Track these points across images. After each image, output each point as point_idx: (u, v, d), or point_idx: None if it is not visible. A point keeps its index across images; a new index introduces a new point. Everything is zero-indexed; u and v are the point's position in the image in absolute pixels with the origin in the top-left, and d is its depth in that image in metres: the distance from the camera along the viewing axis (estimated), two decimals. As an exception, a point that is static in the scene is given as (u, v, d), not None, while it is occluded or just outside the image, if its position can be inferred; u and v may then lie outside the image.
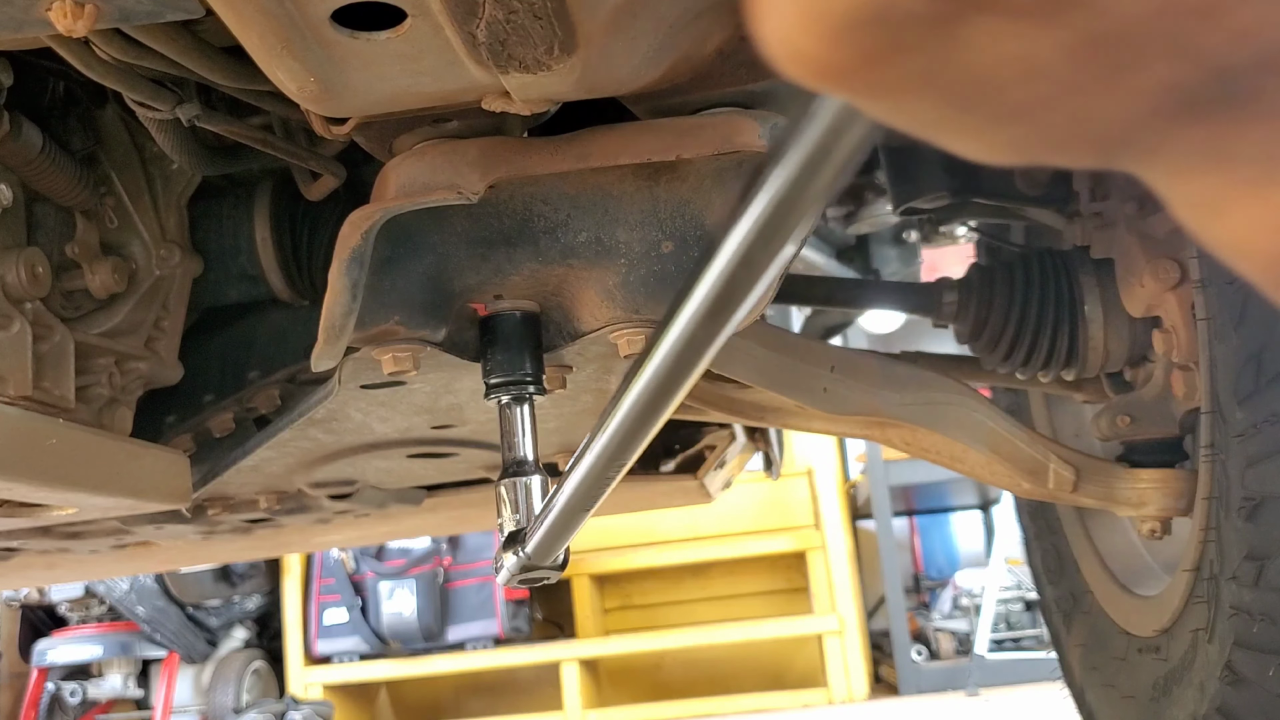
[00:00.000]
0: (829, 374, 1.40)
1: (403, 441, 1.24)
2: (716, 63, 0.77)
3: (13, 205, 0.95)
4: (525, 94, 0.72)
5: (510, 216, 0.90)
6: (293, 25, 0.63)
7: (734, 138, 0.77)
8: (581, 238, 0.91)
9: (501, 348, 0.91)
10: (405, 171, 0.78)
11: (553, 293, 0.94)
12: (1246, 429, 1.10)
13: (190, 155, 0.99)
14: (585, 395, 1.13)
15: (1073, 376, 1.51)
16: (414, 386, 1.04)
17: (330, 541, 2.24)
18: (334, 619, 4.89)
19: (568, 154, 0.79)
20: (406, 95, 0.73)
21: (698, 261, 0.43)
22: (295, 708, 4.50)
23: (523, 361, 0.90)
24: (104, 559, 1.71)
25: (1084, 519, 1.83)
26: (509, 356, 0.90)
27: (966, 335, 1.55)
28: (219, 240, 1.18)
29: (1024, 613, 4.99)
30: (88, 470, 0.96)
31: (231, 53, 0.75)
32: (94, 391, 1.05)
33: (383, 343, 0.90)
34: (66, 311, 1.03)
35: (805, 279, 1.78)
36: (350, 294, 0.80)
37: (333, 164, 1.03)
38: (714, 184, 0.89)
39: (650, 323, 0.94)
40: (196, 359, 1.22)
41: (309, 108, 0.75)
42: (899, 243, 2.45)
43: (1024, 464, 1.41)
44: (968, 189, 1.50)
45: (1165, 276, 1.29)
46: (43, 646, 4.72)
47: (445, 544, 4.89)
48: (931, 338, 1.88)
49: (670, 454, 1.94)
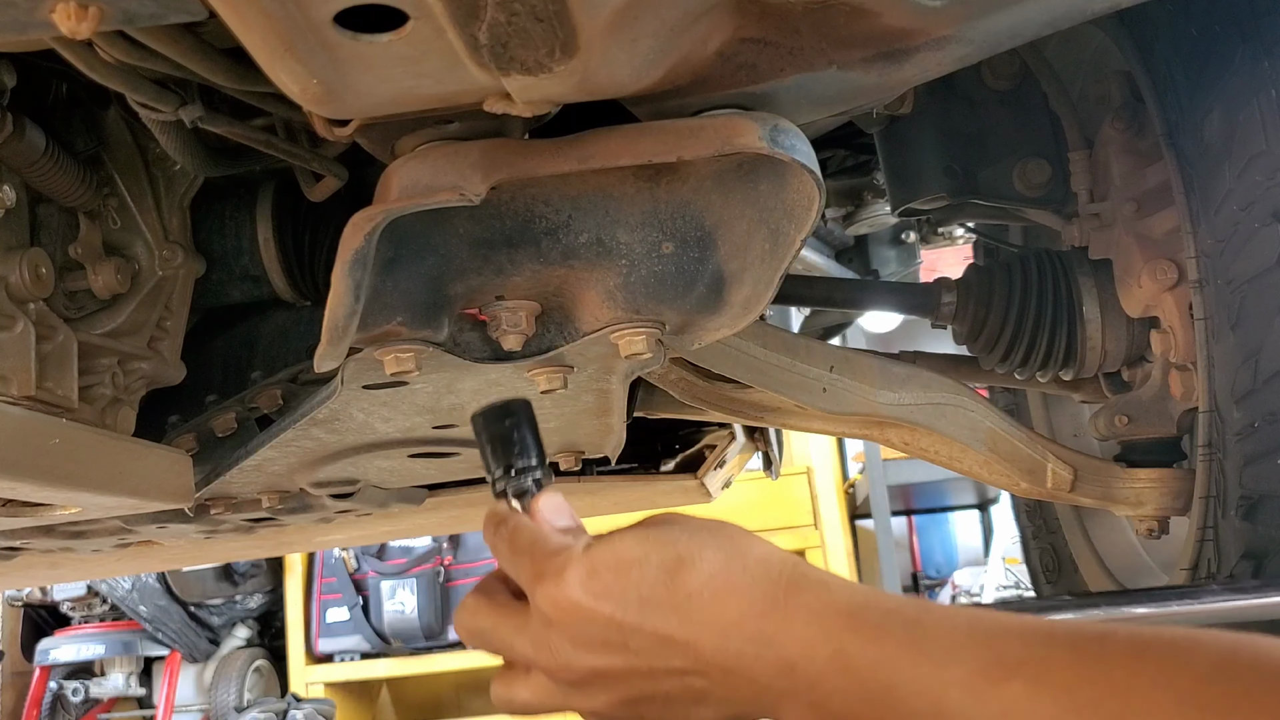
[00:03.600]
0: (828, 374, 1.41)
1: (405, 441, 1.24)
2: (717, 64, 0.77)
3: (16, 206, 0.95)
4: (527, 96, 0.72)
5: (512, 218, 0.91)
6: (295, 27, 0.63)
7: (734, 139, 0.78)
8: (582, 239, 0.91)
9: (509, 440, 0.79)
10: (408, 173, 0.78)
11: (554, 293, 0.95)
12: (1244, 428, 1.11)
13: (193, 156, 0.99)
14: (586, 395, 1.14)
15: (1071, 376, 1.52)
16: (416, 387, 1.05)
17: (332, 540, 2.25)
18: (336, 617, 4.89)
19: (569, 155, 0.79)
20: (408, 97, 0.74)
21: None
22: (297, 706, 4.50)
23: (524, 451, 0.79)
24: (107, 558, 1.72)
25: (1082, 518, 1.84)
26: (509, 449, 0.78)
27: (965, 335, 1.56)
28: (222, 241, 1.18)
29: (1024, 612, 4.96)
30: (91, 470, 0.96)
31: (234, 54, 0.75)
32: (97, 391, 1.05)
33: (385, 343, 0.90)
34: (70, 312, 1.03)
35: (804, 279, 1.79)
36: (353, 295, 0.80)
37: (335, 165, 1.04)
38: (714, 185, 0.89)
39: (650, 323, 0.94)
40: (199, 359, 1.22)
41: (311, 109, 0.75)
42: (898, 243, 2.46)
43: (1022, 463, 1.42)
44: (966, 190, 1.51)
45: (1163, 277, 1.29)
46: (45, 645, 4.73)
47: (446, 543, 4.89)
48: (930, 338, 1.89)
49: (670, 454, 1.95)
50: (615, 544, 0.68)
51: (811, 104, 0.84)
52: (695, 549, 0.66)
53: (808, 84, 0.80)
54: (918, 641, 0.59)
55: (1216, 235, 1.13)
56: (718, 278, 0.93)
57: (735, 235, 0.91)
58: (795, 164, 0.79)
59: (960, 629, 0.59)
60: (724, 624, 0.64)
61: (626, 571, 0.66)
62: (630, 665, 0.66)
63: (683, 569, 0.65)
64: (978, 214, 1.71)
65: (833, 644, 0.61)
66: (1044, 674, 0.54)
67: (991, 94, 1.51)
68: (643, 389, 1.53)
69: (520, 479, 0.77)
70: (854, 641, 0.60)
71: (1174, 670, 0.52)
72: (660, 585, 0.65)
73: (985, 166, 1.51)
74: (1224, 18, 1.11)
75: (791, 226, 0.86)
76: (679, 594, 0.65)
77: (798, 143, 0.79)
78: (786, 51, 0.77)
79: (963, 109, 1.51)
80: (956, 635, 0.58)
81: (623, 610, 0.65)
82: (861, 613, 0.61)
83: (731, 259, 0.92)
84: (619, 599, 0.65)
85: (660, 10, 0.68)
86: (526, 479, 0.77)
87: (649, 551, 0.67)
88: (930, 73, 0.82)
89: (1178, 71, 1.18)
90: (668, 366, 1.45)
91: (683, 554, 0.66)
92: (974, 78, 1.50)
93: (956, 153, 1.50)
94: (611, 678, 0.67)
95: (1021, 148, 1.50)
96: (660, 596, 0.65)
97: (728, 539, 0.67)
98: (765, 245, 0.89)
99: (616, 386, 1.11)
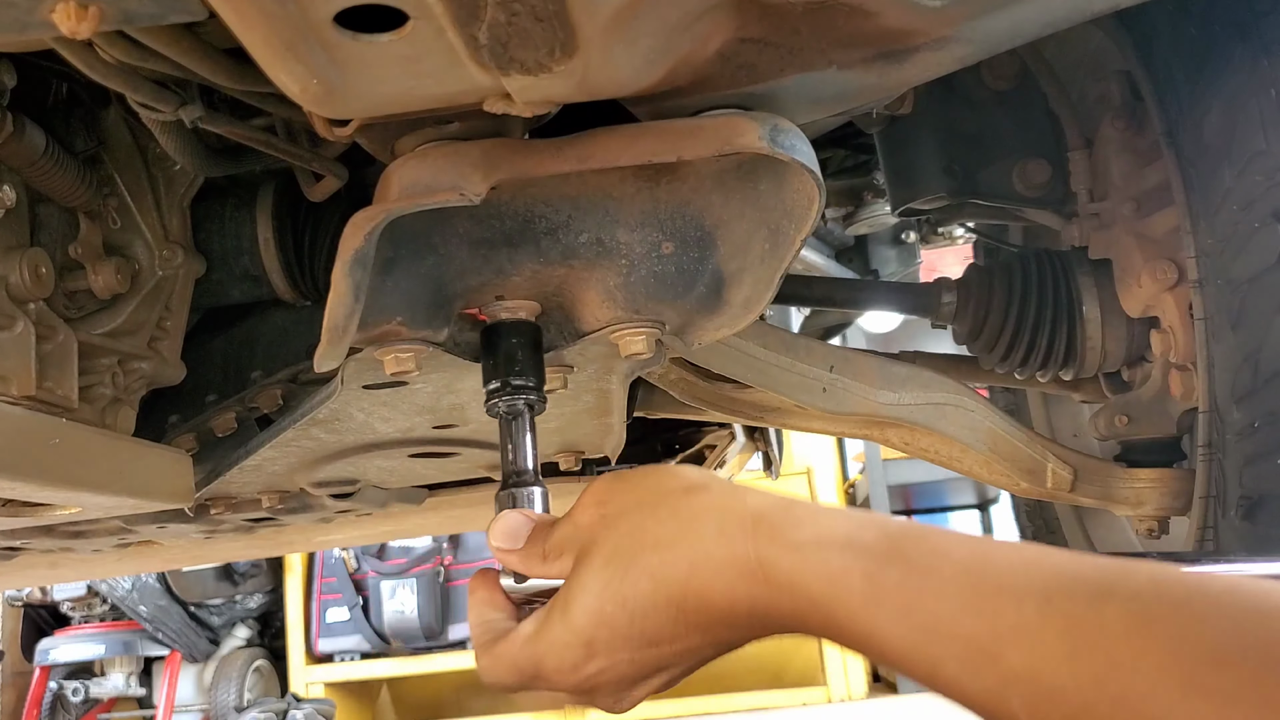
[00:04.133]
0: (828, 374, 1.41)
1: (405, 441, 1.24)
2: (717, 65, 0.77)
3: (16, 206, 0.95)
4: (527, 96, 0.72)
5: (512, 217, 0.91)
6: (295, 28, 0.63)
7: (734, 139, 0.78)
8: (582, 239, 0.91)
9: (502, 357, 0.90)
10: (408, 173, 0.78)
11: (554, 293, 0.95)
12: (1244, 428, 1.11)
13: (193, 156, 0.99)
14: (586, 395, 1.14)
15: (1071, 376, 1.52)
16: (416, 387, 1.05)
17: (332, 540, 2.25)
18: (336, 617, 4.89)
19: (569, 155, 0.79)
20: (408, 97, 0.74)
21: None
22: (297, 706, 4.51)
23: (524, 371, 0.89)
24: (107, 558, 1.72)
25: (1082, 518, 1.84)
26: (509, 366, 0.89)
27: (965, 335, 1.56)
28: (222, 241, 1.18)
29: (1024, 612, 4.97)
30: (91, 470, 0.96)
31: (234, 54, 0.75)
32: (97, 391, 1.05)
33: (385, 343, 0.90)
34: (70, 312, 1.03)
35: (804, 279, 1.79)
36: (353, 295, 0.80)
37: (335, 165, 1.04)
38: (714, 185, 0.89)
39: (650, 323, 0.94)
40: (199, 359, 1.22)
41: (311, 109, 0.75)
42: (898, 243, 2.46)
43: (1022, 463, 1.42)
44: (966, 190, 1.51)
45: (1163, 277, 1.29)
46: (45, 645, 4.73)
47: (446, 543, 4.89)
48: (930, 338, 1.89)
49: (670, 454, 1.95)
50: (575, 608, 0.69)
51: (811, 104, 0.84)
52: (658, 568, 0.67)
53: (808, 84, 0.80)
54: (913, 610, 0.57)
55: (1216, 235, 1.13)
56: (718, 278, 0.94)
57: (735, 235, 0.91)
58: (795, 164, 0.79)
59: (960, 586, 0.56)
60: (729, 623, 0.65)
61: (612, 634, 0.68)
62: (674, 674, 0.70)
63: (659, 607, 0.66)
64: (978, 214, 1.71)
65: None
66: (1039, 646, 0.53)
67: (991, 94, 1.51)
68: (643, 389, 1.53)
69: (513, 398, 0.87)
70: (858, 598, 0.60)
71: (1179, 650, 0.49)
72: (656, 627, 0.67)
73: (985, 166, 1.51)
74: (1224, 17, 1.11)
75: (791, 226, 0.86)
76: (681, 623, 0.66)
77: (798, 143, 0.79)
78: (786, 51, 0.77)
79: (963, 109, 1.51)
80: (956, 596, 0.56)
81: (639, 652, 0.68)
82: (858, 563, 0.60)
83: (731, 259, 0.92)
84: (626, 651, 0.68)
85: (660, 10, 0.68)
86: (519, 399, 0.87)
87: (624, 596, 0.67)
88: (930, 73, 0.82)
89: (1177, 71, 1.18)
90: (668, 366, 1.45)
91: (656, 579, 0.66)
92: (974, 78, 1.50)
93: (956, 153, 1.50)
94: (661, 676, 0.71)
95: (1021, 148, 1.51)
96: (665, 633, 0.67)
97: (676, 527, 0.67)
98: (765, 245, 0.89)
99: (616, 386, 1.11)
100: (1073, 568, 0.55)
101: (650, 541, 0.67)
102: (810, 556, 0.62)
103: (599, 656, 0.68)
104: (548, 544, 0.74)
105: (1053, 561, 0.56)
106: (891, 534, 0.61)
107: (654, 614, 0.66)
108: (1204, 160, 1.14)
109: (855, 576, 0.60)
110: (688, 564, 0.66)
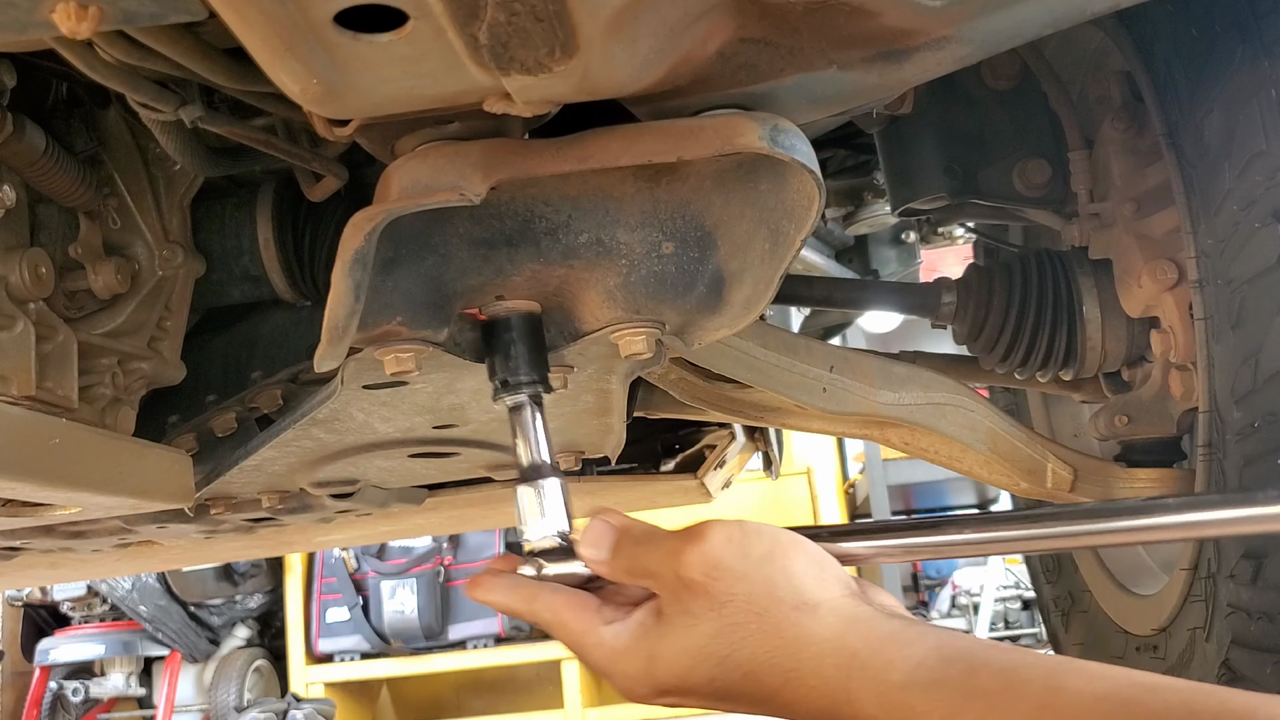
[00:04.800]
0: (828, 374, 1.41)
1: (405, 441, 1.24)
2: (717, 64, 0.77)
3: (16, 206, 0.95)
4: (527, 96, 0.72)
5: (512, 217, 0.91)
6: (295, 27, 0.63)
7: (734, 139, 0.77)
8: (582, 239, 0.91)
9: (508, 351, 0.90)
10: (408, 173, 0.78)
11: (554, 293, 0.95)
12: (1244, 428, 1.11)
13: (193, 156, 0.99)
14: (586, 395, 1.14)
15: (1071, 376, 1.52)
16: (416, 387, 1.05)
17: (332, 540, 2.25)
18: (336, 617, 4.90)
19: (569, 155, 0.79)
20: (408, 97, 0.74)
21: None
22: (297, 706, 4.51)
23: (531, 363, 0.90)
24: (107, 558, 1.72)
25: (1083, 518, 1.83)
26: (516, 359, 0.90)
27: (965, 335, 1.56)
28: (221, 241, 1.18)
29: (1022, 612, 5.00)
30: (91, 470, 0.96)
31: (234, 54, 0.75)
32: (97, 391, 1.05)
33: (385, 343, 0.90)
34: (70, 312, 1.03)
35: (804, 279, 1.79)
36: (353, 295, 0.80)
37: (335, 165, 1.04)
38: (714, 185, 0.89)
39: (650, 323, 0.94)
40: (199, 359, 1.22)
41: (311, 109, 0.75)
42: (898, 243, 2.46)
43: (1022, 463, 1.42)
44: (966, 190, 1.51)
45: (1163, 277, 1.29)
46: (45, 645, 4.73)
47: (446, 543, 4.89)
48: (930, 338, 1.89)
49: (670, 454, 1.95)
50: (666, 653, 0.75)
51: (811, 104, 0.84)
52: (753, 671, 0.73)
53: (808, 84, 0.80)
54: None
55: (1216, 235, 1.13)
56: (718, 278, 0.93)
57: (735, 235, 0.91)
58: (795, 164, 0.79)
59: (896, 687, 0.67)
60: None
61: (683, 685, 0.75)
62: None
63: (745, 694, 0.74)
64: (978, 214, 1.71)
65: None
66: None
67: (991, 94, 1.51)
68: (643, 389, 1.53)
69: (522, 390, 0.88)
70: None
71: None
72: (727, 689, 0.74)
73: (985, 166, 1.51)
74: (1224, 18, 1.11)
75: (792, 226, 0.86)
76: (757, 706, 0.74)
77: (798, 143, 0.79)
78: (786, 51, 0.77)
79: (963, 109, 1.51)
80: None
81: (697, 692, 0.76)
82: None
83: (731, 259, 0.92)
84: (693, 697, 0.76)
85: (660, 10, 0.68)
86: (528, 391, 0.88)
87: (713, 675, 0.74)
88: (930, 73, 0.82)
89: (1178, 71, 1.18)
90: (668, 366, 1.45)
91: (750, 679, 0.73)
92: (974, 78, 1.50)
93: (956, 153, 1.50)
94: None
95: (1021, 148, 1.50)
96: (738, 699, 0.75)
97: (779, 644, 0.73)
98: (765, 245, 0.89)
99: (616, 386, 1.11)
100: (1141, 704, 0.60)
101: (751, 645, 0.73)
102: (896, 700, 0.68)
103: (668, 694, 0.76)
104: (635, 564, 0.79)
105: (1123, 698, 0.61)
106: (975, 666, 0.67)
107: (735, 692, 0.74)
108: (1204, 160, 1.14)
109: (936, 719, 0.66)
110: (782, 679, 0.72)
